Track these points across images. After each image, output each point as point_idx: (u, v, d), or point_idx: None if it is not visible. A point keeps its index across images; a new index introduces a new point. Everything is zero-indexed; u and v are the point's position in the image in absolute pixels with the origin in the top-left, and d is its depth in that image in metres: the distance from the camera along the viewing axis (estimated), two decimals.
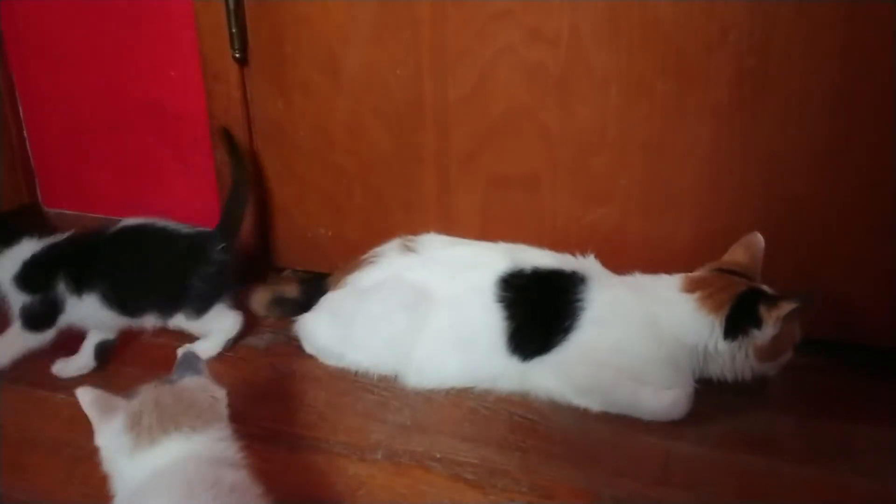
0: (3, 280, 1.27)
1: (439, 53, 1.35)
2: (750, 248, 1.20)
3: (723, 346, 1.14)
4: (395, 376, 1.27)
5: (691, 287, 1.17)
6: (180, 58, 1.52)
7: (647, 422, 1.16)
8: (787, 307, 1.10)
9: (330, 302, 1.31)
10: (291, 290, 1.44)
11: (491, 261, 1.25)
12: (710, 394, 1.19)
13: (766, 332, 1.12)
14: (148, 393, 0.92)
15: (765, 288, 1.15)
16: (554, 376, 1.20)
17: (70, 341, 1.30)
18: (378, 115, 1.42)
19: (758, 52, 1.20)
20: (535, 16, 1.27)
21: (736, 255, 1.21)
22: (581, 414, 1.19)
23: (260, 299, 1.43)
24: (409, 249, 1.29)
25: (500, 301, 1.21)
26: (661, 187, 1.32)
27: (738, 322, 1.13)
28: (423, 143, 1.42)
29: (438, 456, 1.11)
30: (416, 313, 1.23)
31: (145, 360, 1.32)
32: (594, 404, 1.19)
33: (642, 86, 1.27)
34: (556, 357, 1.19)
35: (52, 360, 1.29)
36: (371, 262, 1.30)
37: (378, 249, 1.32)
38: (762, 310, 1.12)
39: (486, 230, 1.41)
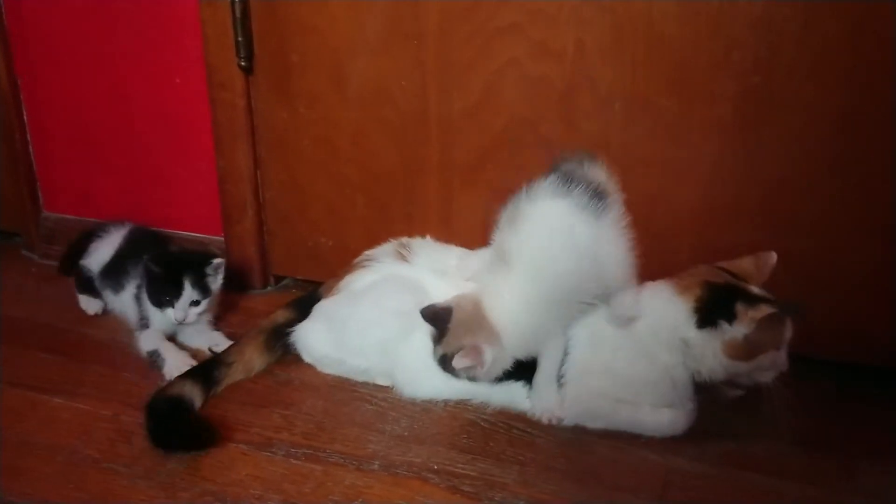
0: None
1: (445, 66, 1.35)
2: (759, 260, 1.17)
3: (695, 335, 1.11)
4: (393, 386, 1.26)
5: (672, 279, 1.16)
6: (186, 65, 1.53)
7: (646, 438, 1.16)
8: (765, 311, 1.07)
9: (324, 309, 1.31)
10: (284, 314, 1.36)
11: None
12: (710, 412, 1.18)
13: (737, 330, 1.09)
14: None
15: (752, 288, 1.12)
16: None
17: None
18: (382, 126, 1.43)
19: (762, 70, 1.20)
20: (541, 30, 1.28)
21: (743, 262, 1.18)
22: (580, 428, 1.18)
23: (253, 350, 1.31)
24: (401, 255, 1.29)
25: None
26: (663, 203, 1.32)
27: (710, 311, 1.11)
28: (427, 155, 1.42)
29: (436, 467, 1.10)
30: (409, 319, 1.20)
31: None
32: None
33: (646, 102, 1.27)
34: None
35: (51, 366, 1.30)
36: (363, 266, 1.30)
37: (370, 252, 1.32)
38: (739, 306, 1.09)
39: (488, 242, 1.41)
